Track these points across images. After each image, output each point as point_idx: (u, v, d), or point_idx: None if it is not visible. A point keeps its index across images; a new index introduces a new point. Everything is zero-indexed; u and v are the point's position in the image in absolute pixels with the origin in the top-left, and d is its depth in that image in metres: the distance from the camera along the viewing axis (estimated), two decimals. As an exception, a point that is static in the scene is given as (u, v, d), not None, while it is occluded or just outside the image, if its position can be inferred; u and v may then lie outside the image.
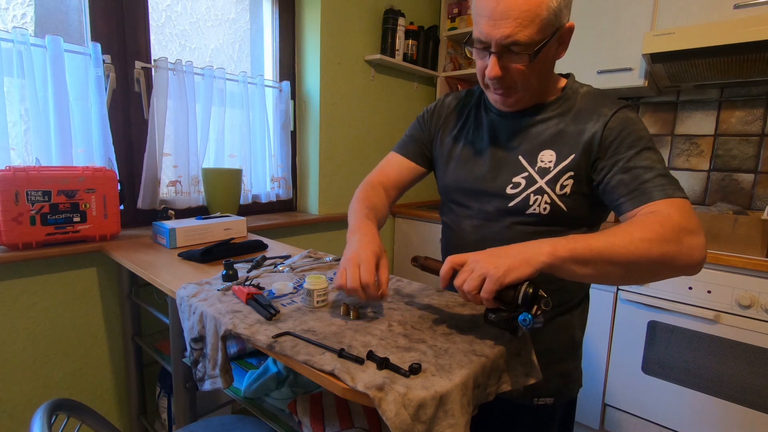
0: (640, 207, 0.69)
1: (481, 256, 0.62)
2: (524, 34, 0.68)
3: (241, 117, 1.81)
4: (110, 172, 1.32)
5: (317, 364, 0.59)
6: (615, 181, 0.72)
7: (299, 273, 1.03)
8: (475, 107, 0.92)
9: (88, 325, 1.38)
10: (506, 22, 0.68)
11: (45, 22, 1.35)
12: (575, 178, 0.77)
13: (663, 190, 0.68)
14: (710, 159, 1.92)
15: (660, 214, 0.65)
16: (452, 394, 0.55)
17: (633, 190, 0.70)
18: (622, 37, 1.77)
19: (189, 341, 0.82)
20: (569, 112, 0.80)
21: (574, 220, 0.80)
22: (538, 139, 0.81)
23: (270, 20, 1.96)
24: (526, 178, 0.80)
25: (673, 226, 0.63)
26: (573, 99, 0.82)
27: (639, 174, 0.70)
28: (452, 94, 0.98)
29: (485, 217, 0.85)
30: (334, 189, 2.11)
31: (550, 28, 0.70)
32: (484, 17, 0.70)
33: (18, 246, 1.19)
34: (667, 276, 0.65)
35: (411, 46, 2.23)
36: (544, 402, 0.87)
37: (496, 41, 0.70)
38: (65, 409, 0.76)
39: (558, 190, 0.78)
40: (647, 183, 0.69)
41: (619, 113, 0.75)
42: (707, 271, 1.46)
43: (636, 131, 0.74)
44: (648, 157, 0.71)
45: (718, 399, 1.47)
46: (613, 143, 0.74)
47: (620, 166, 0.72)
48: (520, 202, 0.80)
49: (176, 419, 1.10)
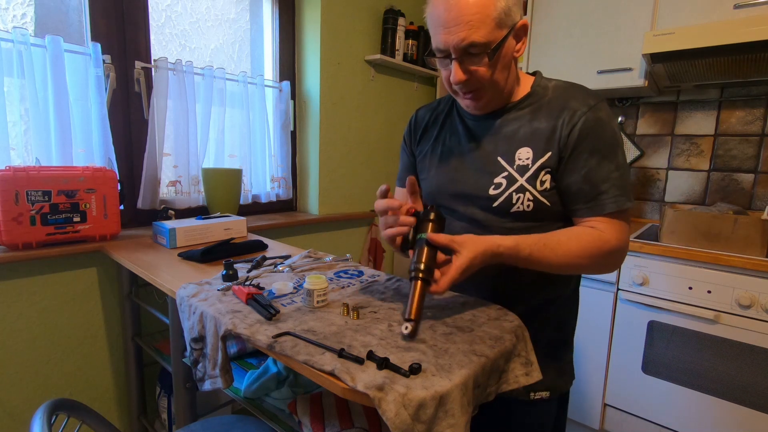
0: (592, 218, 0.79)
1: (462, 278, 0.69)
2: (479, 35, 0.72)
3: (241, 117, 1.81)
4: (110, 172, 1.32)
5: (317, 364, 0.60)
6: (576, 188, 0.79)
7: (299, 273, 1.03)
8: (448, 115, 0.94)
9: (88, 325, 1.38)
10: (459, 27, 0.72)
11: (45, 22, 1.35)
12: (552, 173, 0.80)
13: (615, 202, 0.77)
14: (710, 159, 1.92)
15: (602, 236, 0.77)
16: (452, 394, 0.55)
17: (590, 200, 0.78)
18: (622, 37, 1.77)
19: (189, 341, 0.82)
20: (541, 108, 0.82)
21: (559, 214, 0.83)
22: (514, 138, 0.82)
23: (270, 20, 1.96)
24: (506, 178, 0.82)
25: (609, 250, 0.77)
26: (543, 95, 0.83)
27: (597, 185, 0.77)
28: (424, 107, 1.00)
29: (473, 219, 0.87)
30: (334, 189, 2.11)
31: (503, 27, 0.74)
32: (439, 27, 0.75)
33: (18, 246, 1.19)
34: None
35: (411, 46, 2.24)
36: (541, 396, 0.88)
37: (454, 46, 0.74)
38: (65, 409, 0.76)
39: (538, 186, 0.80)
40: (602, 195, 0.77)
41: (588, 114, 0.77)
42: (707, 271, 1.46)
43: (601, 136, 0.77)
44: (606, 167, 0.77)
45: (718, 399, 1.47)
46: (578, 147, 0.77)
47: (582, 175, 0.78)
48: (503, 201, 0.82)
49: (176, 419, 1.10)
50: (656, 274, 1.56)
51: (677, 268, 1.51)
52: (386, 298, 0.85)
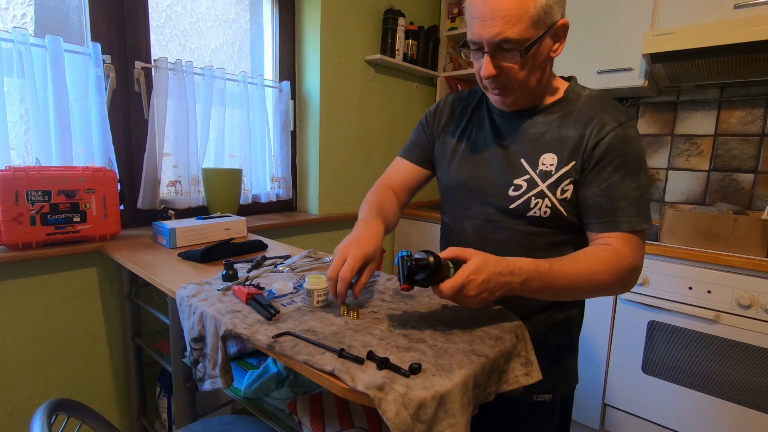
0: (607, 233, 0.77)
1: (474, 292, 0.65)
2: (514, 31, 0.70)
3: (241, 117, 1.81)
4: (110, 172, 1.32)
5: (317, 364, 0.59)
6: (593, 201, 0.77)
7: (299, 273, 1.03)
8: (477, 107, 0.92)
9: (88, 325, 1.38)
10: (495, 21, 0.70)
11: (45, 22, 1.35)
12: (575, 183, 0.78)
13: (630, 222, 0.75)
14: (710, 159, 1.92)
15: (619, 253, 0.74)
16: (452, 393, 0.55)
17: (605, 216, 0.76)
18: (622, 37, 1.77)
19: (189, 341, 0.82)
20: (570, 115, 0.81)
21: (572, 225, 0.81)
22: (540, 142, 0.81)
23: (270, 20, 1.96)
24: (527, 181, 0.80)
25: (628, 267, 0.74)
26: (575, 102, 0.82)
27: (615, 201, 0.76)
28: (454, 94, 0.98)
29: (486, 218, 0.86)
30: (334, 189, 2.11)
31: (541, 25, 0.72)
32: (475, 19, 0.73)
33: (18, 246, 1.19)
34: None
35: (411, 46, 2.23)
36: (543, 398, 0.88)
37: (488, 40, 0.72)
38: (65, 409, 0.76)
39: (559, 194, 0.78)
40: (619, 213, 0.76)
41: (618, 130, 0.76)
42: (707, 271, 1.46)
43: (627, 153, 0.76)
44: (628, 185, 0.76)
45: (718, 399, 1.47)
46: (602, 161, 0.76)
47: (602, 188, 0.76)
48: (521, 204, 0.81)
49: (176, 419, 1.10)
50: (656, 274, 1.56)
51: (677, 268, 1.51)
52: (386, 298, 0.85)
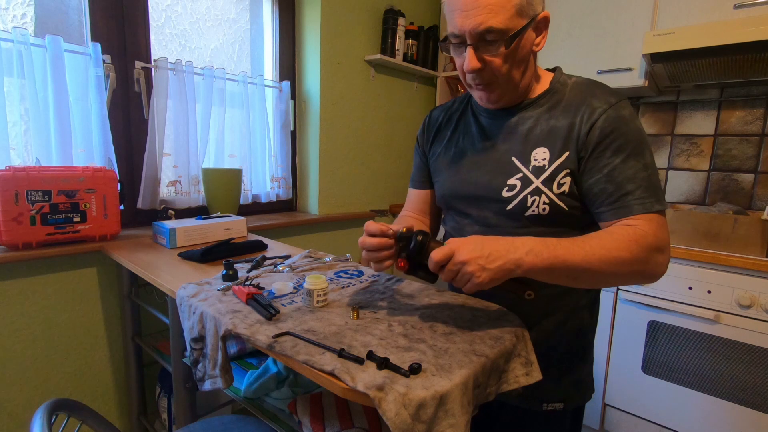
0: (619, 219, 0.71)
1: (467, 256, 0.63)
2: (497, 20, 0.68)
3: (241, 117, 1.81)
4: (110, 172, 1.32)
5: (317, 364, 0.59)
6: (598, 188, 0.73)
7: (299, 273, 1.03)
8: (463, 114, 0.91)
9: (88, 325, 1.38)
10: (477, 10, 0.68)
11: (45, 22, 1.35)
12: (572, 175, 0.75)
13: (642, 204, 0.70)
14: (710, 159, 1.92)
15: (637, 230, 0.68)
16: (452, 393, 0.55)
17: (615, 201, 0.71)
18: (622, 37, 1.77)
19: (189, 341, 0.82)
20: (558, 105, 0.78)
21: (577, 219, 0.78)
22: (530, 137, 0.78)
23: (270, 20, 1.96)
24: (520, 180, 0.78)
25: (648, 245, 0.67)
26: (561, 92, 0.79)
27: (622, 185, 0.71)
28: (438, 108, 0.97)
29: (486, 223, 0.83)
30: (334, 189, 2.11)
31: (524, 15, 0.70)
32: (456, 11, 0.70)
33: (18, 246, 1.19)
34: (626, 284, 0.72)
35: (411, 46, 2.24)
36: (554, 407, 0.85)
37: (470, 31, 0.69)
38: (65, 409, 0.76)
39: (556, 188, 0.75)
40: (628, 196, 0.70)
41: (610, 111, 0.73)
42: (707, 271, 1.46)
43: (625, 133, 0.72)
44: (632, 166, 0.71)
45: (718, 399, 1.47)
46: (599, 145, 0.72)
47: (605, 174, 0.72)
48: (517, 204, 0.78)
49: (176, 419, 1.10)
50: (656, 274, 1.55)
51: (677, 268, 1.51)
52: (386, 298, 0.85)
